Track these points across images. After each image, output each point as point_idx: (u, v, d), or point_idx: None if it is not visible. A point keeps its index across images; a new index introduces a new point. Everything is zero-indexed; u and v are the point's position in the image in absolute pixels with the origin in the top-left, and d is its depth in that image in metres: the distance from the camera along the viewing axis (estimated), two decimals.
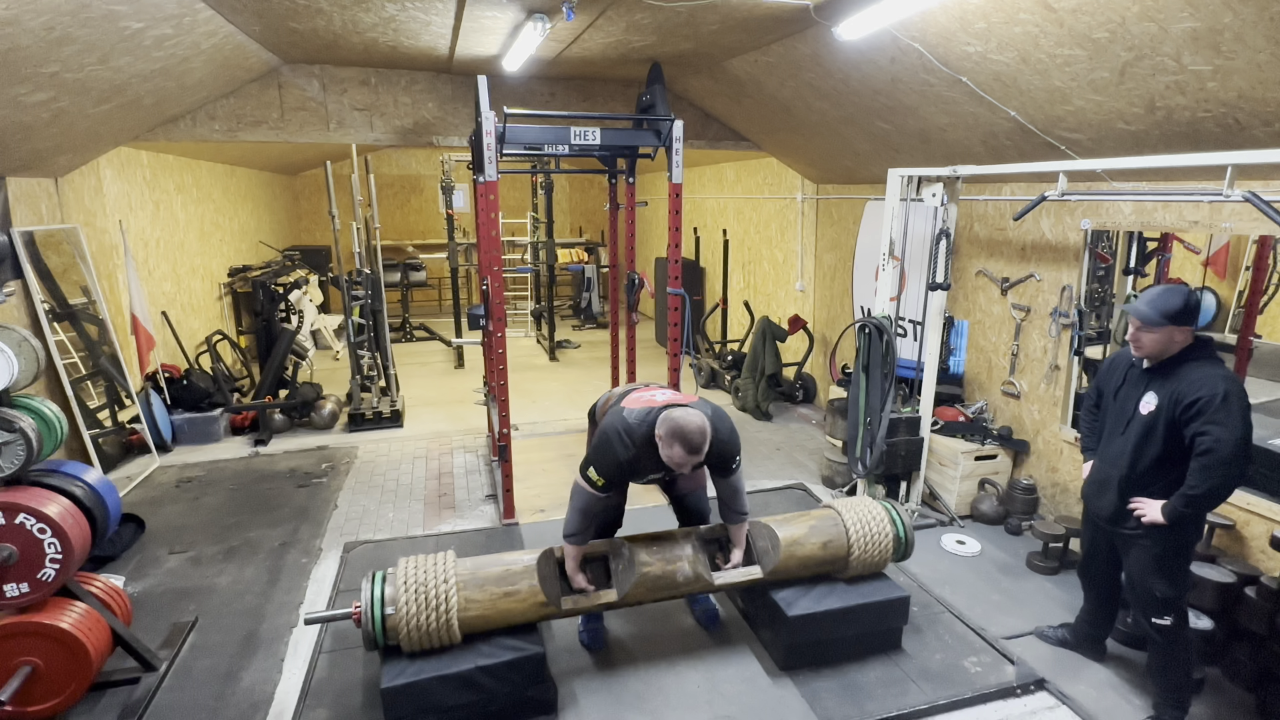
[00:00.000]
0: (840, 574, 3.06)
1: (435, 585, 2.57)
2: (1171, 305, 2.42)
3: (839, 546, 3.01)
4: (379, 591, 2.56)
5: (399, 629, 2.52)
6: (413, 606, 2.52)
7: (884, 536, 3.03)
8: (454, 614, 2.55)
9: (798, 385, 6.64)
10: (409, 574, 2.61)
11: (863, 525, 3.04)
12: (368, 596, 2.55)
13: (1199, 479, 2.35)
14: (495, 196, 3.97)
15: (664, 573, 2.82)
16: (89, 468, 2.92)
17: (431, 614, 2.53)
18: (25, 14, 2.65)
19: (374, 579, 2.60)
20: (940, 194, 3.89)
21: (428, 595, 2.55)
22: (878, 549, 3.02)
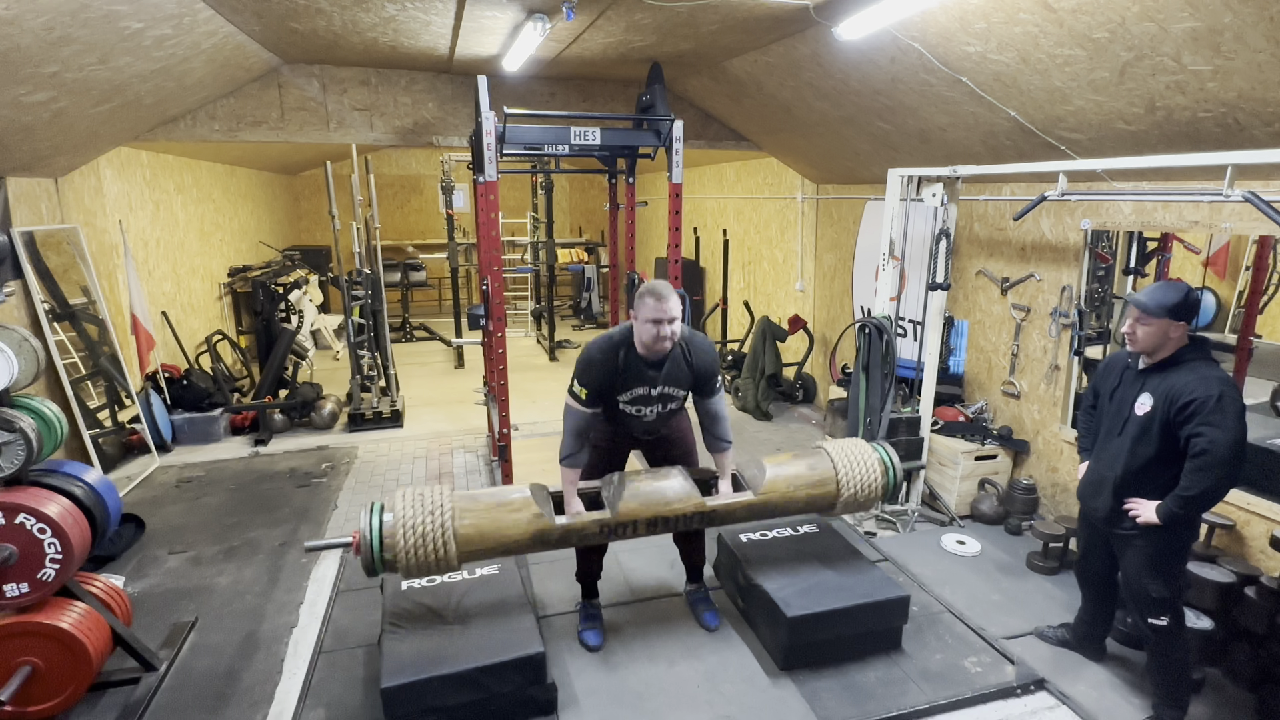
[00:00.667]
0: (831, 509, 3.02)
1: (432, 500, 2.58)
2: (1170, 299, 2.42)
3: (827, 474, 2.98)
4: (377, 520, 2.54)
5: (395, 545, 2.49)
6: (410, 519, 2.51)
7: (872, 469, 3.00)
8: (449, 524, 2.53)
9: (798, 385, 6.64)
10: (406, 498, 2.60)
11: (849, 457, 3.02)
12: (366, 522, 2.54)
13: (1193, 480, 2.35)
14: (495, 196, 3.97)
15: (654, 488, 2.78)
16: (89, 468, 2.92)
17: (428, 518, 2.51)
18: (25, 14, 2.65)
19: (372, 508, 2.58)
20: (940, 194, 3.90)
21: (425, 504, 2.55)
22: (867, 481, 2.98)
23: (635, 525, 2.76)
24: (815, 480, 2.98)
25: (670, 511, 2.78)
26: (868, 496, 3.01)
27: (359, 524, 2.57)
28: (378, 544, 2.51)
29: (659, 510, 2.77)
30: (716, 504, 2.85)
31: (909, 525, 4.20)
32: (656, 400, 2.83)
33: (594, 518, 2.74)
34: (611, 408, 2.84)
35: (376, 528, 2.52)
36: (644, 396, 2.81)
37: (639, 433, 2.96)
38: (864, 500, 3.02)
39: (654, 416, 2.88)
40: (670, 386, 2.81)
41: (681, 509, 2.79)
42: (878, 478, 3.01)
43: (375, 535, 2.52)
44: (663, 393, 2.82)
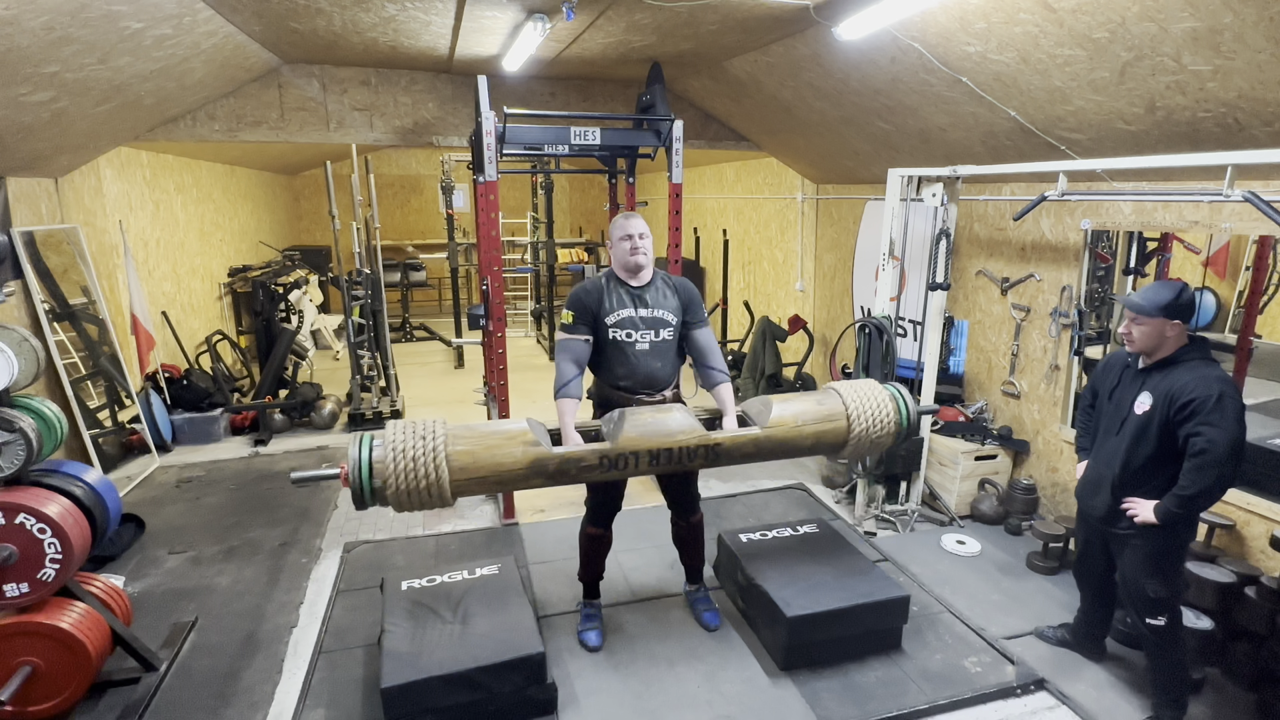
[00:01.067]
0: (842, 448, 2.89)
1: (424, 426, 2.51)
2: (1164, 297, 2.43)
3: (835, 409, 2.87)
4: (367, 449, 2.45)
5: (385, 470, 2.40)
6: (401, 443, 2.44)
7: (883, 405, 2.89)
8: (441, 448, 2.44)
9: (798, 385, 6.63)
10: (397, 427, 2.52)
11: (859, 393, 2.91)
12: (354, 454, 2.44)
13: (1191, 479, 2.35)
14: (495, 196, 3.97)
15: (656, 419, 2.68)
16: (89, 468, 2.92)
17: (419, 442, 2.43)
18: (25, 14, 2.65)
19: (361, 439, 2.49)
20: (940, 194, 3.90)
21: (416, 430, 2.48)
22: (879, 417, 2.86)
23: (637, 458, 2.63)
24: (823, 415, 2.84)
25: (673, 443, 2.64)
26: (880, 434, 2.86)
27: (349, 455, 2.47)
28: (367, 471, 2.41)
29: (661, 442, 2.63)
30: (721, 436, 2.72)
31: (909, 525, 4.20)
32: (646, 325, 2.80)
33: (593, 448, 2.62)
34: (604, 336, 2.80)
35: (366, 455, 2.43)
36: (630, 319, 2.79)
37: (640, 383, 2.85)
38: (877, 438, 2.87)
39: (648, 347, 2.81)
40: (658, 310, 2.82)
41: (685, 440, 2.66)
42: (890, 414, 2.87)
43: (365, 462, 2.42)
44: (652, 316, 2.80)
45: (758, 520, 4.28)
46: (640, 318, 2.80)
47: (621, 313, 2.79)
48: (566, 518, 4.23)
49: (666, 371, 2.89)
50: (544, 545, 3.95)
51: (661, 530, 3.34)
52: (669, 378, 2.91)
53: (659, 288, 2.87)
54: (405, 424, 2.52)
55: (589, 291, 2.81)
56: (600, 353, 2.85)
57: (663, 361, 2.86)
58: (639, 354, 2.81)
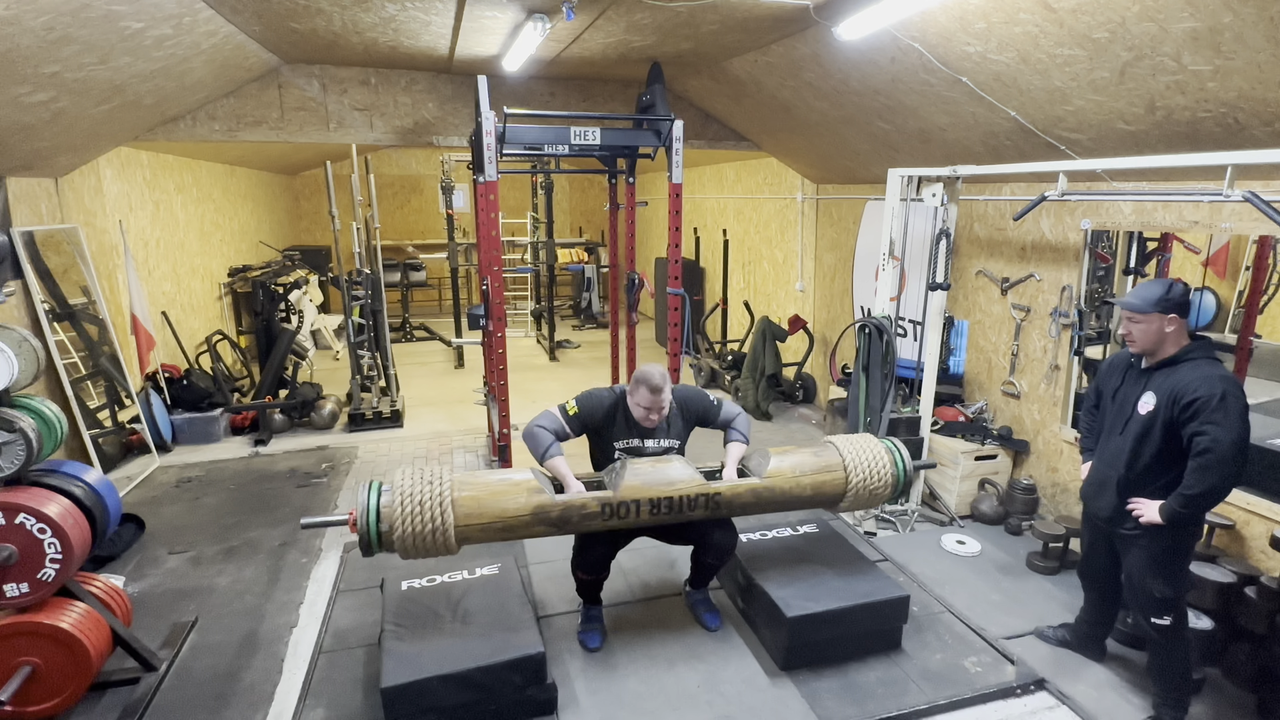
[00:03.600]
0: (840, 500, 2.97)
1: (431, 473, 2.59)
2: (1155, 293, 2.44)
3: (834, 462, 2.95)
4: (375, 497, 2.53)
5: (393, 516, 2.47)
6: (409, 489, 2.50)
7: (880, 460, 2.97)
8: (448, 494, 2.51)
9: (798, 385, 6.64)
10: (405, 474, 2.60)
11: (856, 448, 2.99)
12: (364, 499, 2.52)
13: (1196, 479, 2.35)
14: (495, 196, 3.97)
15: (657, 469, 2.75)
16: (89, 468, 2.92)
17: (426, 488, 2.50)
18: (25, 14, 2.65)
19: (370, 485, 2.57)
20: (940, 194, 3.90)
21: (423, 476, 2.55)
22: (876, 470, 2.95)
23: (638, 506, 2.70)
24: (821, 466, 2.94)
25: (674, 491, 2.72)
26: (877, 487, 2.95)
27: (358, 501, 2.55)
28: (375, 518, 2.48)
29: (662, 490, 2.71)
30: (720, 486, 2.81)
31: (909, 525, 4.20)
32: (653, 453, 2.93)
33: (595, 495, 2.70)
34: (606, 453, 2.93)
35: (374, 503, 2.49)
36: (638, 448, 2.92)
37: None
38: (874, 491, 2.96)
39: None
40: (664, 441, 2.96)
41: (685, 489, 2.74)
42: (887, 468, 2.97)
43: (373, 509, 2.48)
44: (659, 447, 2.94)
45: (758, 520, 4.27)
46: (648, 447, 2.94)
47: (631, 441, 2.93)
48: None
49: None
50: (544, 545, 3.94)
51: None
52: None
53: (667, 426, 2.96)
54: (412, 471, 2.59)
55: (603, 407, 2.91)
56: (605, 457, 2.97)
57: None
58: None
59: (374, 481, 2.59)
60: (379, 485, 2.57)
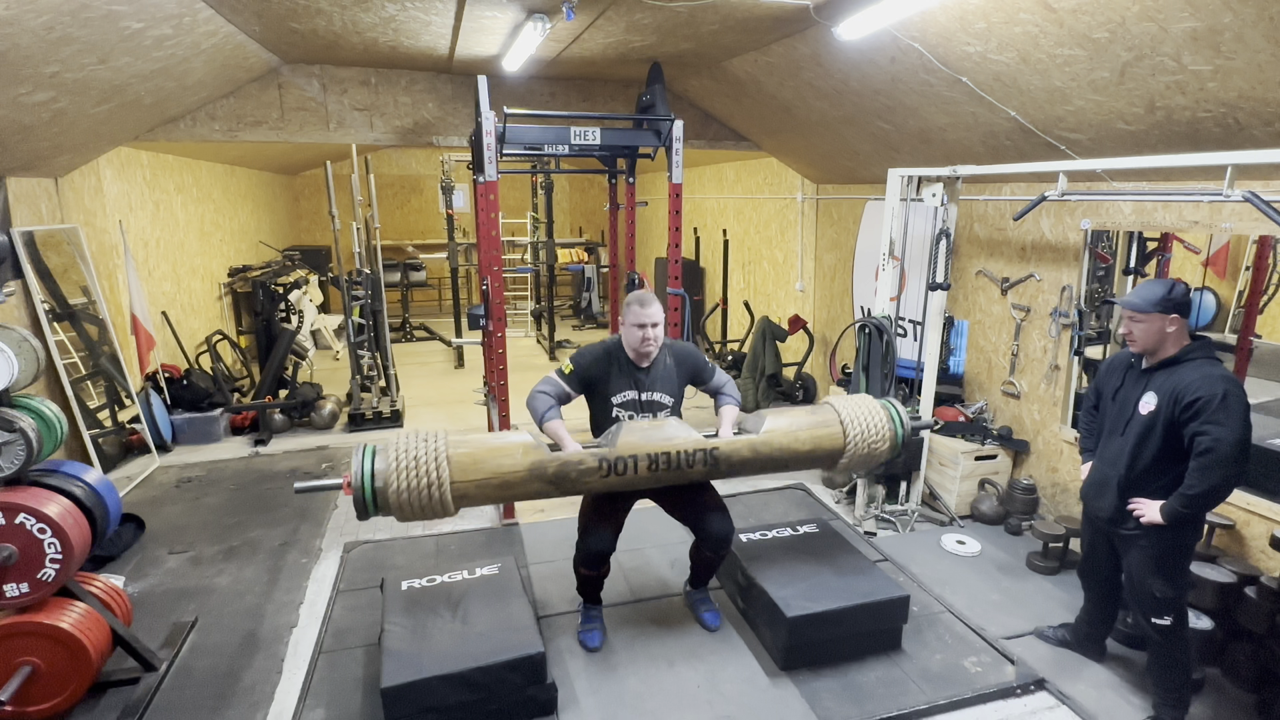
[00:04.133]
0: (837, 460, 2.94)
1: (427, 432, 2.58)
2: (1156, 293, 2.44)
3: (830, 419, 2.93)
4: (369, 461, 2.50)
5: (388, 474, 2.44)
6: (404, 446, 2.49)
7: (878, 419, 2.94)
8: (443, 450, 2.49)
9: (798, 385, 6.63)
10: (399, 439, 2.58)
11: (854, 408, 2.96)
12: (358, 463, 2.49)
13: (1198, 479, 2.35)
14: (495, 196, 3.97)
15: (654, 426, 2.75)
16: (89, 468, 2.92)
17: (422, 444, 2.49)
18: (25, 14, 2.65)
19: (364, 449, 2.54)
20: (940, 194, 3.90)
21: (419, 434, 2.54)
22: (873, 426, 2.91)
23: (636, 462, 2.67)
24: (818, 423, 2.91)
25: (671, 447, 2.70)
26: (877, 442, 2.91)
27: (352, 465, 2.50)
28: (369, 477, 2.44)
29: (660, 446, 2.69)
30: (719, 442, 2.78)
31: (909, 525, 4.20)
32: (645, 409, 2.91)
33: (593, 452, 2.66)
34: (605, 413, 2.90)
35: (369, 464, 2.46)
36: (633, 402, 2.90)
37: None
38: (874, 447, 2.91)
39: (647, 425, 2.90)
40: (658, 393, 2.92)
41: (683, 445, 2.71)
42: (884, 424, 2.93)
43: (367, 470, 2.45)
44: (650, 399, 2.91)
45: (758, 520, 4.28)
46: (641, 401, 2.92)
47: (627, 394, 2.91)
48: (567, 518, 4.22)
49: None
50: (544, 545, 3.95)
51: (661, 530, 3.35)
52: None
53: (662, 364, 2.96)
54: (408, 433, 2.57)
55: (597, 361, 2.91)
56: (603, 416, 2.94)
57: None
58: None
59: (368, 444, 2.56)
60: (373, 448, 2.54)
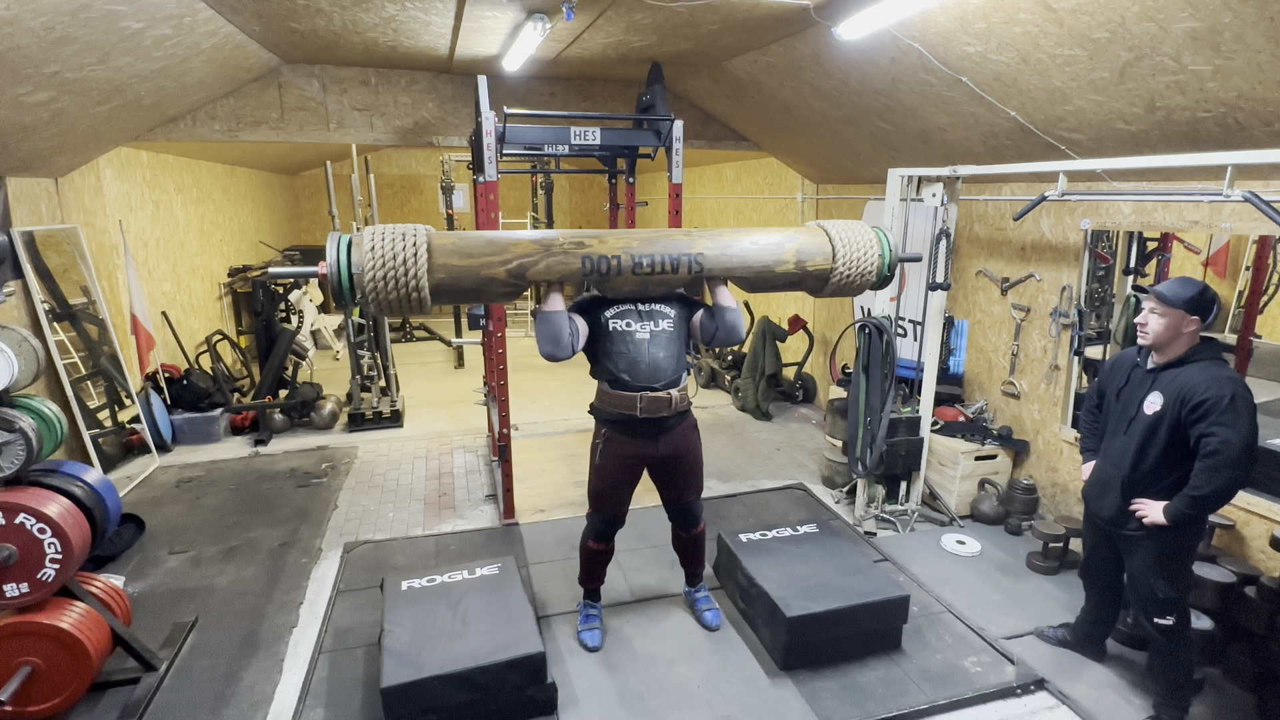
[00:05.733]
0: (828, 278, 2.81)
1: (405, 234, 2.41)
2: (1188, 291, 2.43)
3: (821, 241, 2.80)
4: (346, 241, 2.36)
5: (362, 245, 2.31)
6: (382, 230, 2.36)
7: (867, 239, 2.82)
8: (424, 234, 2.39)
9: (798, 385, 6.64)
10: (376, 231, 2.40)
11: (843, 227, 2.84)
12: (333, 257, 2.34)
13: (1204, 480, 2.35)
14: (495, 196, 3.97)
15: (639, 232, 2.68)
16: (89, 468, 2.92)
17: (399, 241, 2.34)
18: (25, 14, 2.65)
19: (339, 241, 2.38)
20: (940, 194, 3.90)
21: (398, 232, 2.39)
22: (862, 245, 2.80)
23: (619, 263, 2.58)
24: (809, 239, 2.80)
25: (657, 250, 2.62)
26: (863, 257, 2.78)
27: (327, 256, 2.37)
28: (346, 256, 2.32)
29: (646, 248, 2.62)
30: (704, 247, 2.67)
31: (909, 525, 4.20)
32: (645, 317, 2.82)
33: (576, 237, 2.58)
34: (604, 331, 2.81)
35: (346, 241, 2.35)
36: (631, 311, 2.82)
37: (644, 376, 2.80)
38: (863, 272, 2.79)
39: (649, 336, 2.81)
40: (656, 303, 2.85)
41: (669, 250, 2.63)
42: (872, 245, 2.80)
43: (343, 245, 2.34)
44: (650, 309, 2.83)
45: (758, 520, 4.28)
46: (639, 310, 2.83)
47: (622, 306, 2.83)
48: (566, 518, 4.22)
49: (670, 364, 2.82)
50: (544, 545, 3.95)
51: (662, 530, 3.35)
52: (673, 370, 2.83)
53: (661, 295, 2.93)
54: (385, 228, 2.41)
55: (591, 296, 2.90)
56: (603, 350, 2.83)
57: (666, 352, 2.81)
58: (640, 342, 2.80)
59: (342, 236, 2.42)
60: (348, 238, 2.41)
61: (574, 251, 2.56)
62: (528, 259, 2.51)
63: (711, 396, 6.90)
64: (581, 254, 2.56)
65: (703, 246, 2.68)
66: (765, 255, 2.74)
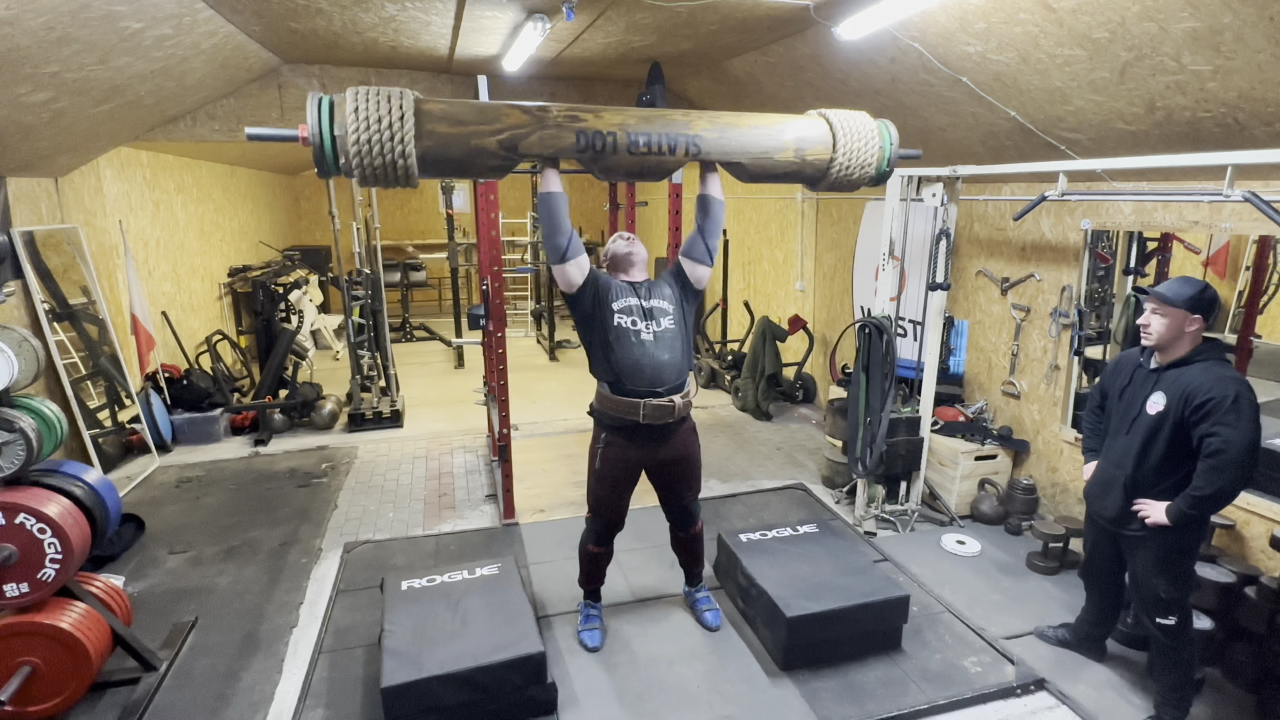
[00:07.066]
0: (829, 167, 2.68)
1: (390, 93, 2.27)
2: (1189, 290, 2.43)
3: (822, 127, 2.69)
4: (328, 100, 2.21)
5: (348, 130, 2.16)
6: (366, 104, 2.19)
7: (869, 129, 2.71)
8: (410, 108, 2.24)
9: (798, 385, 6.63)
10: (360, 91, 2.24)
11: (844, 115, 2.73)
12: (313, 119, 2.18)
13: (1206, 480, 2.34)
14: (495, 196, 3.97)
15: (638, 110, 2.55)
16: (89, 468, 2.92)
17: (385, 103, 2.20)
18: (25, 14, 2.65)
19: (319, 102, 2.21)
20: (940, 194, 3.90)
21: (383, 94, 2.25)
22: (864, 135, 2.68)
23: (615, 140, 2.43)
24: (809, 124, 2.68)
25: (654, 128, 2.49)
26: (865, 154, 2.67)
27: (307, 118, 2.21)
28: (328, 119, 2.17)
29: (643, 125, 2.48)
30: (703, 128, 2.55)
31: (909, 525, 4.20)
32: (647, 316, 2.81)
33: (570, 109, 2.42)
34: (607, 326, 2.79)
35: (328, 104, 2.20)
36: (635, 307, 2.81)
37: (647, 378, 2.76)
38: (863, 164, 2.68)
39: (652, 337, 2.78)
40: (656, 300, 2.85)
41: (667, 128, 2.50)
42: (873, 136, 2.69)
43: (325, 105, 2.18)
44: (651, 306, 2.83)
45: (758, 520, 4.28)
46: (642, 307, 2.82)
47: (627, 300, 2.82)
48: (566, 518, 4.22)
49: (674, 367, 2.80)
50: (544, 545, 3.95)
51: (661, 531, 3.34)
52: (677, 372, 2.81)
53: (654, 282, 2.93)
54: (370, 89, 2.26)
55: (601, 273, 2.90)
56: (603, 345, 2.80)
57: (670, 354, 2.79)
58: (644, 343, 2.77)
59: (323, 98, 2.26)
60: (330, 99, 2.25)
61: (568, 125, 2.40)
62: (520, 129, 2.36)
63: (711, 396, 6.91)
64: (576, 127, 2.40)
65: (701, 129, 2.55)
66: (765, 141, 2.62)
